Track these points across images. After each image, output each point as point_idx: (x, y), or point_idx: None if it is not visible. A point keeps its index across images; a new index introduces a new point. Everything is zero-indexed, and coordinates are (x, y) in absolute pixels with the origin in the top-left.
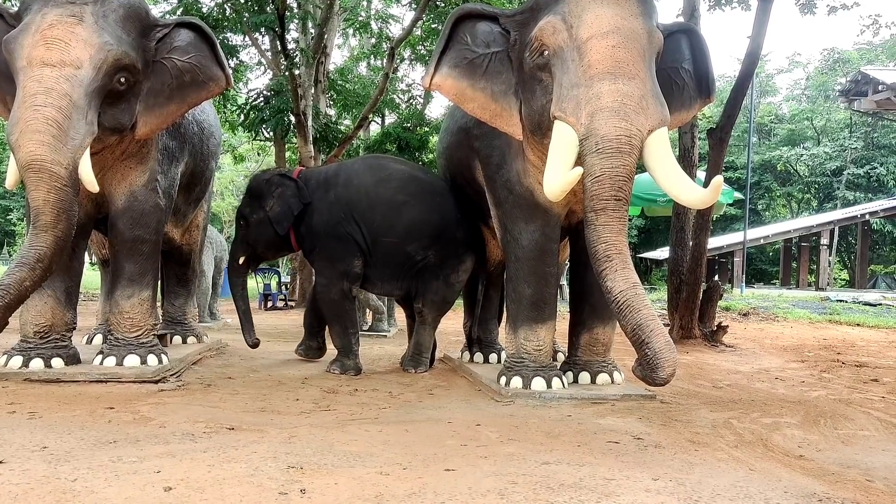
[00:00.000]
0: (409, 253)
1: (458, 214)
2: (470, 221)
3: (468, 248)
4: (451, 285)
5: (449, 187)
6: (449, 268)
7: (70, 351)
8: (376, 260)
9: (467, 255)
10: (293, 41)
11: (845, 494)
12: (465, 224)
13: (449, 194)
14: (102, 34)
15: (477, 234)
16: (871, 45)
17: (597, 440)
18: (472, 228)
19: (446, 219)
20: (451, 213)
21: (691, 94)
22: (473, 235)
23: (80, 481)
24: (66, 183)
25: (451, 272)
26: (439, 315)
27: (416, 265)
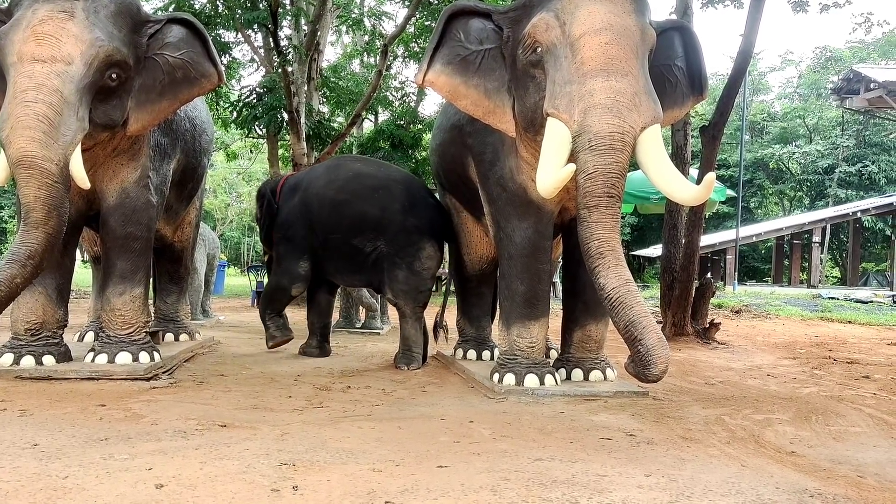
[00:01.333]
0: (357, 246)
1: (406, 204)
2: (424, 209)
3: (423, 234)
4: (418, 273)
5: (403, 179)
6: (409, 256)
7: (61, 348)
8: (331, 255)
9: (423, 241)
10: (286, 38)
11: (837, 490)
12: (417, 212)
13: (394, 187)
14: (93, 30)
15: (435, 221)
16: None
17: (589, 437)
18: (426, 216)
19: (388, 210)
20: (394, 205)
21: (684, 91)
22: (429, 222)
23: (71, 479)
24: (56, 179)
25: (412, 260)
26: (415, 305)
27: (368, 257)
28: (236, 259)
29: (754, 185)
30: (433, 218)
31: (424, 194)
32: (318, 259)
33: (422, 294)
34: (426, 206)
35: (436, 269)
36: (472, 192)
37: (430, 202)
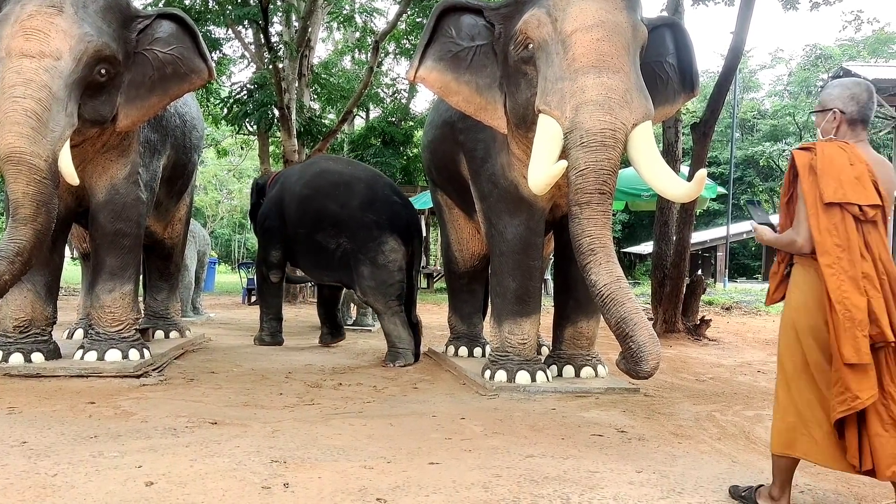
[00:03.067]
0: (320, 242)
1: (365, 201)
2: (384, 205)
3: (383, 229)
4: (382, 267)
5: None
6: (371, 251)
7: (50, 345)
8: (301, 250)
9: (385, 235)
10: (277, 34)
11: (827, 486)
12: (376, 208)
13: (355, 184)
14: (82, 25)
15: (396, 216)
16: (852, 41)
17: (581, 433)
18: (385, 211)
19: (348, 206)
20: (353, 201)
21: (675, 88)
22: (389, 217)
23: (60, 476)
24: (45, 175)
25: (375, 255)
26: (386, 300)
27: (333, 253)
28: (227, 256)
29: (745, 182)
30: (394, 213)
31: (387, 191)
32: (292, 253)
33: (390, 287)
34: (387, 202)
35: (401, 262)
36: (464, 189)
37: (392, 198)
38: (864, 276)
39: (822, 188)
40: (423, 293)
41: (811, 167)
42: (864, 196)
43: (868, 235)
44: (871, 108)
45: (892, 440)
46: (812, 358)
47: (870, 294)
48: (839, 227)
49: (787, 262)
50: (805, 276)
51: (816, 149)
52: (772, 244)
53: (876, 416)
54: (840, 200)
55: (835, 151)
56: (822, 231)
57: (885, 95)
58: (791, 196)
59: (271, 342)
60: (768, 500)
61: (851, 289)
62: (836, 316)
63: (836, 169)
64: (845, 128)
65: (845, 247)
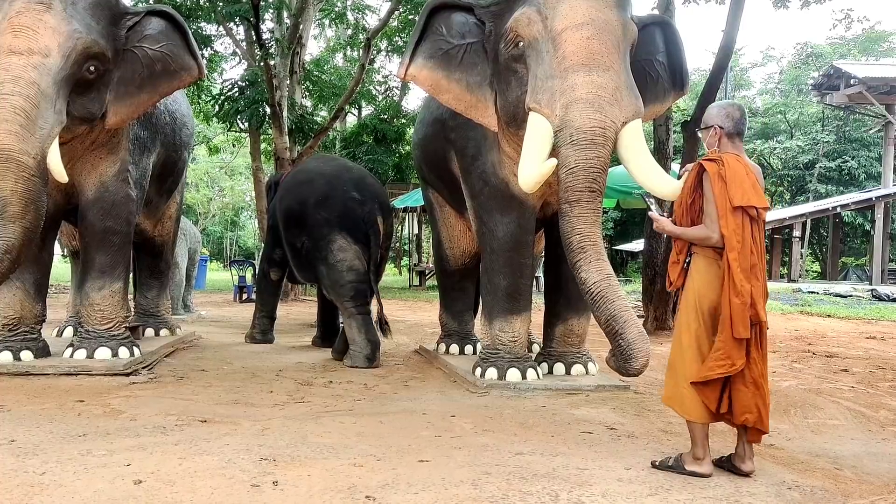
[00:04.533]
0: (290, 241)
1: (320, 198)
2: (337, 202)
3: (332, 227)
4: (332, 266)
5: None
6: (323, 250)
7: (39, 343)
8: (285, 249)
9: (333, 233)
10: (268, 31)
11: (814, 482)
12: (328, 205)
13: (317, 180)
14: (71, 22)
15: (348, 213)
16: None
17: (571, 430)
18: (337, 209)
19: (304, 204)
20: (311, 199)
21: (665, 86)
22: (340, 215)
23: (48, 475)
24: (34, 173)
25: (326, 254)
26: (343, 299)
27: (299, 253)
28: (218, 254)
29: None
30: (346, 210)
31: (346, 187)
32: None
33: (342, 288)
34: (340, 199)
35: (352, 261)
36: (455, 187)
37: (349, 195)
38: (751, 267)
39: (731, 194)
40: (415, 291)
41: (720, 176)
42: (759, 200)
43: (756, 233)
44: (744, 123)
45: (748, 394)
46: (702, 332)
47: (751, 282)
48: (741, 227)
49: (685, 253)
50: (707, 264)
51: (722, 160)
52: (677, 236)
53: (740, 376)
54: (744, 204)
55: (736, 163)
56: (730, 230)
57: (875, 94)
58: (694, 199)
59: (262, 340)
60: (694, 462)
61: (746, 278)
62: (736, 299)
63: (739, 178)
64: (725, 140)
65: (744, 243)
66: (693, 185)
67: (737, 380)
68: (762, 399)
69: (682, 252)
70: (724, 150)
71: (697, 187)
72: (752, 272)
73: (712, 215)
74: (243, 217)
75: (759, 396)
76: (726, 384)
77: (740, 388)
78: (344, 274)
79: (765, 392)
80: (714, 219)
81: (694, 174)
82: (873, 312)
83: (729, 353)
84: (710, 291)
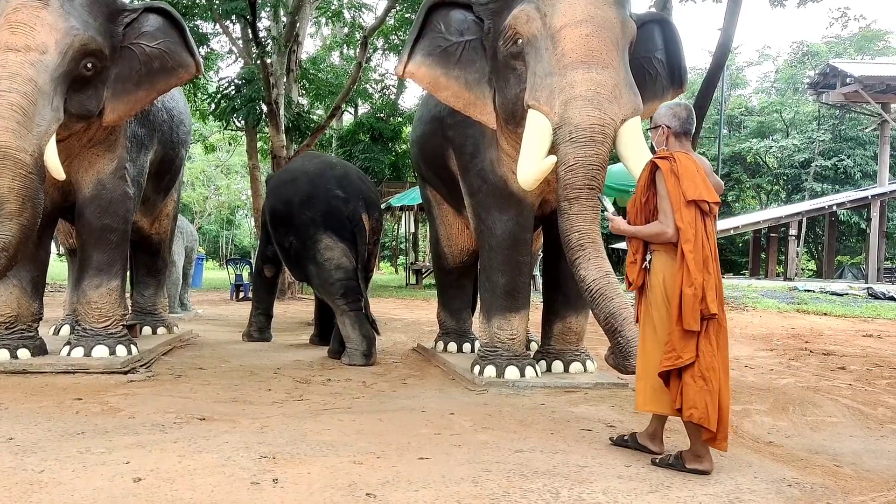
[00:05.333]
0: (279, 241)
1: (304, 197)
2: (321, 201)
3: (318, 226)
4: (321, 265)
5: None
6: (311, 250)
7: (37, 342)
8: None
9: (319, 233)
10: (265, 29)
11: (814, 479)
12: (313, 204)
13: (301, 179)
14: (68, 18)
15: (333, 212)
16: (839, 38)
17: (570, 428)
18: (321, 208)
19: (289, 204)
20: (294, 198)
21: (664, 83)
22: (325, 214)
23: (47, 472)
24: (31, 170)
25: (314, 253)
26: (334, 298)
27: (289, 252)
28: (215, 252)
29: (732, 178)
30: (330, 209)
31: (329, 185)
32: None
33: (332, 287)
34: (324, 198)
35: (339, 259)
36: (453, 185)
37: (332, 193)
38: (704, 260)
39: (685, 189)
40: (412, 289)
41: (673, 171)
42: (710, 195)
43: (708, 226)
44: (691, 123)
45: (695, 388)
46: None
47: (703, 275)
48: (695, 220)
49: (643, 253)
50: (667, 260)
51: (674, 157)
52: (633, 234)
53: (690, 370)
54: (697, 198)
55: (687, 159)
56: (685, 223)
57: (871, 92)
58: (648, 197)
59: (259, 338)
60: (696, 459)
61: (699, 270)
62: (689, 290)
63: (691, 173)
64: (673, 139)
65: (697, 236)
66: (647, 184)
67: (686, 373)
68: (710, 395)
69: (639, 251)
70: (672, 148)
71: (651, 185)
72: (705, 265)
73: (666, 211)
74: (239, 216)
75: (708, 392)
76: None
77: (688, 381)
78: (332, 272)
79: (714, 388)
80: (668, 214)
81: (647, 173)
82: (869, 311)
83: (675, 346)
84: (670, 285)
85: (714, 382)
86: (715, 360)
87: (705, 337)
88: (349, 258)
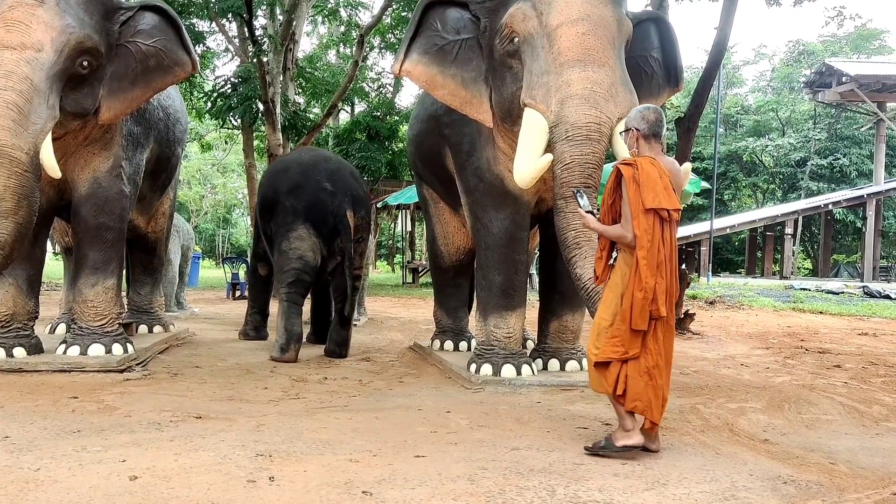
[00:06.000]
0: (264, 229)
1: (291, 186)
2: (307, 192)
3: (297, 215)
4: (283, 253)
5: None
6: (281, 237)
7: (32, 340)
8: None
9: (297, 222)
10: (261, 28)
11: (809, 477)
12: (298, 193)
13: (293, 168)
14: (64, 16)
15: (316, 205)
16: (835, 37)
17: (566, 426)
18: (305, 199)
19: (277, 191)
20: (283, 186)
21: (660, 82)
22: (307, 205)
23: (42, 471)
24: (27, 168)
25: (283, 240)
26: (279, 285)
27: (272, 241)
28: (211, 251)
29: (728, 177)
30: (315, 201)
31: (319, 177)
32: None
33: (284, 274)
34: (313, 190)
35: (305, 251)
36: (450, 183)
37: (321, 186)
38: (658, 265)
39: (644, 197)
40: (409, 288)
41: (635, 179)
42: (671, 202)
43: (666, 232)
44: (660, 126)
45: (641, 382)
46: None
47: (656, 279)
48: (652, 227)
49: (608, 250)
50: (628, 260)
51: (637, 164)
52: (600, 232)
53: (635, 364)
54: (656, 207)
55: (650, 167)
56: (641, 230)
57: (867, 91)
58: (614, 200)
59: (255, 337)
60: (625, 435)
61: (651, 275)
62: (639, 294)
63: (652, 181)
64: (642, 142)
65: (653, 242)
66: (612, 188)
67: (632, 367)
68: (654, 391)
69: (605, 249)
70: (642, 151)
71: (617, 189)
72: (659, 270)
73: (627, 216)
74: (235, 214)
75: (652, 388)
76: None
77: (634, 375)
78: (291, 261)
79: (658, 385)
80: (629, 219)
81: (613, 178)
82: (865, 309)
83: (623, 341)
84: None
85: (658, 378)
86: (660, 358)
87: (653, 336)
88: (315, 253)
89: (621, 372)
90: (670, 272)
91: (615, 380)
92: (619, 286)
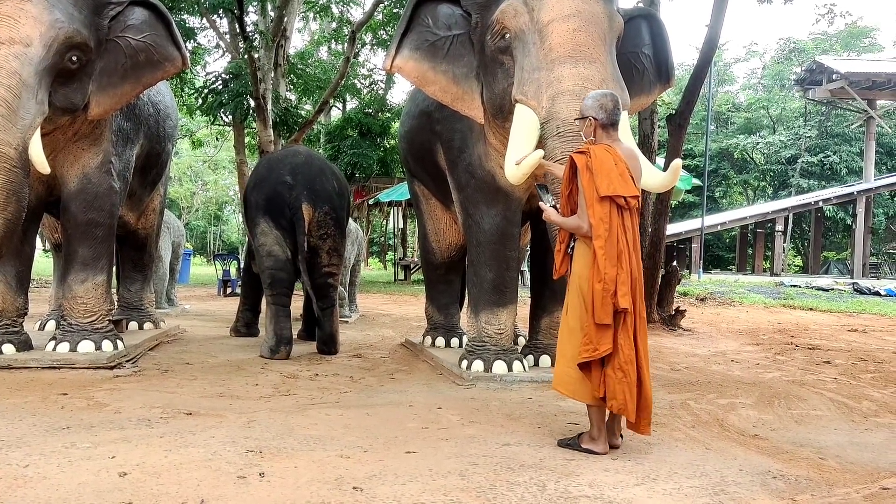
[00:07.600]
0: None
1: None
2: (268, 185)
3: (260, 209)
4: (257, 251)
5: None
6: (250, 232)
7: (21, 337)
8: None
9: (259, 216)
10: (252, 24)
11: (798, 472)
12: (261, 187)
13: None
14: (53, 11)
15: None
16: (825, 34)
17: (557, 422)
18: (267, 192)
19: (248, 188)
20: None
21: (651, 79)
22: (267, 199)
23: (31, 467)
24: (15, 164)
25: (251, 236)
26: (264, 286)
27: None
28: (202, 248)
29: (719, 174)
30: (274, 194)
31: (281, 171)
32: None
33: (262, 274)
34: (272, 183)
35: (272, 247)
36: (441, 179)
37: (281, 179)
38: (618, 255)
39: (598, 185)
40: (401, 284)
41: (588, 167)
42: (627, 189)
43: (626, 220)
44: (617, 114)
45: (615, 380)
46: (584, 314)
47: (616, 269)
48: (609, 216)
49: (567, 242)
50: (586, 251)
51: (590, 152)
52: (559, 224)
53: (610, 361)
54: (611, 194)
55: (604, 154)
56: (597, 219)
57: (857, 89)
58: (571, 190)
59: (246, 333)
60: (590, 441)
61: (610, 265)
62: (598, 285)
63: (606, 168)
64: (601, 131)
65: (611, 231)
66: (569, 178)
67: (607, 365)
68: (629, 387)
69: (564, 241)
70: (600, 140)
71: (573, 179)
72: (619, 260)
73: (582, 205)
74: (227, 211)
75: (626, 384)
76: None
77: (609, 373)
78: (263, 259)
79: (632, 380)
80: (584, 208)
81: (568, 167)
82: (855, 305)
83: (592, 338)
84: (587, 275)
85: (632, 374)
86: (633, 353)
87: (623, 330)
88: (282, 247)
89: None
90: (634, 262)
91: (599, 383)
92: (575, 277)
